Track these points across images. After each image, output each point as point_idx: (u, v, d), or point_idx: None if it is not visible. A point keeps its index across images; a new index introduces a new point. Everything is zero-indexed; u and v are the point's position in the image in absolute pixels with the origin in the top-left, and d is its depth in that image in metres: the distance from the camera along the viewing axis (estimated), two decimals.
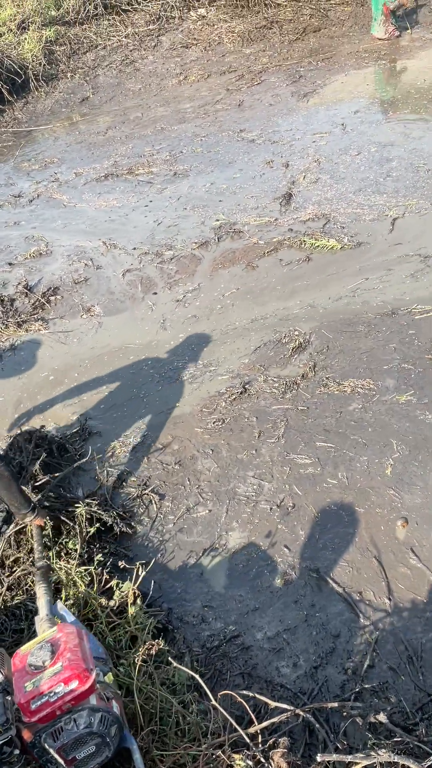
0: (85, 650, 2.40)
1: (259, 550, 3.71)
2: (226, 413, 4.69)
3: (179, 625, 3.35)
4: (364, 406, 4.52)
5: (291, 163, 7.80)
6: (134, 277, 6.40)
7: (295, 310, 5.55)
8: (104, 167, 8.65)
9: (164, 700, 2.56)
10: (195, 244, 6.65)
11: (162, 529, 3.94)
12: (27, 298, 6.30)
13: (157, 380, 5.11)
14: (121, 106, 10.79)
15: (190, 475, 4.28)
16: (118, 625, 3.05)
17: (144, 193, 7.83)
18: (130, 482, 4.29)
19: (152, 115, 10.18)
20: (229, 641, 3.23)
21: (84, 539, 3.57)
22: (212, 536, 3.85)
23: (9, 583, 3.39)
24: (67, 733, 2.29)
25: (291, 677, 3.02)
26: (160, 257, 6.58)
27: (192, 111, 10.02)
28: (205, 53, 12.08)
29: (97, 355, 5.47)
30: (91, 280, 6.46)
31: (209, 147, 8.67)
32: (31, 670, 2.35)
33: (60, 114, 10.90)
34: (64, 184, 8.41)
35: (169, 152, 8.74)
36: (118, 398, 5.00)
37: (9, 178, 8.88)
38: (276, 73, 10.80)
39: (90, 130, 10.05)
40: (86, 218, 7.53)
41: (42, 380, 5.31)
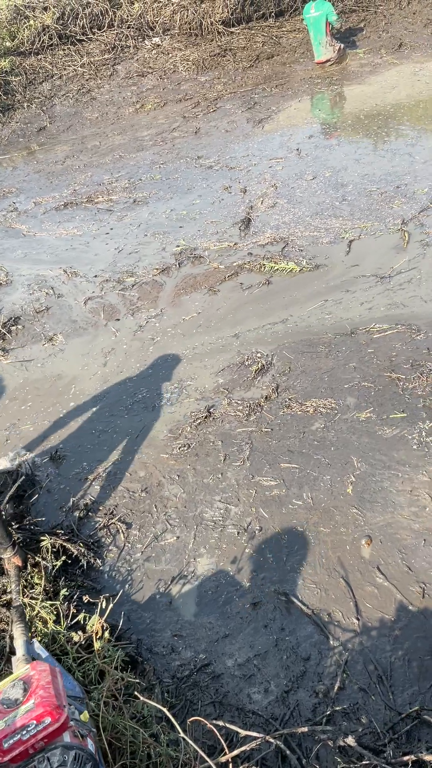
0: (57, 687, 2.37)
1: (228, 576, 3.70)
2: (192, 438, 4.70)
3: (149, 656, 3.32)
4: (326, 425, 4.57)
5: (249, 188, 7.93)
6: (96, 304, 6.41)
7: (257, 332, 5.61)
8: (63, 196, 8.69)
9: (134, 733, 2.53)
10: (156, 270, 6.69)
11: (130, 559, 3.92)
12: None
13: (122, 407, 5.10)
14: (79, 134, 10.87)
15: (157, 502, 4.27)
16: (86, 660, 3.01)
17: (104, 221, 7.87)
18: (97, 511, 4.26)
19: (110, 143, 10.27)
20: (199, 670, 3.21)
21: (50, 573, 3.53)
22: (180, 563, 3.84)
23: None
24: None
25: (262, 703, 3.01)
26: (121, 284, 6.61)
27: (150, 138, 10.14)
28: (161, 81, 12.26)
29: (60, 384, 5.44)
30: (53, 309, 6.45)
31: (168, 174, 8.77)
32: (3, 709, 2.31)
33: (17, 144, 10.93)
34: (23, 214, 8.41)
35: (128, 180, 8.82)
36: (83, 426, 4.98)
37: None
38: (231, 99, 11.00)
39: (48, 159, 10.09)
40: (46, 247, 7.54)
41: (4, 410, 5.26)
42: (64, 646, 3.07)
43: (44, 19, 12.99)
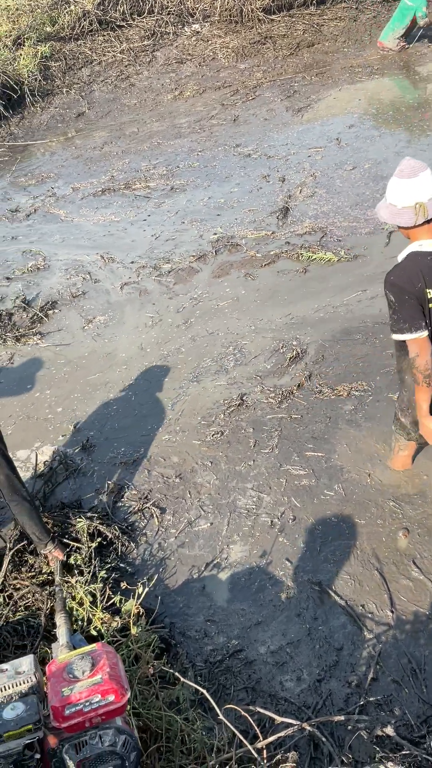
0: (121, 671, 2.40)
1: (261, 564, 3.70)
2: (225, 425, 4.70)
3: (182, 640, 3.34)
4: (355, 407, 4.57)
5: (287, 178, 7.86)
6: (132, 290, 6.43)
7: (293, 320, 5.58)
8: (101, 182, 8.71)
9: (170, 720, 2.54)
10: (193, 257, 6.68)
11: (163, 544, 3.94)
12: (25, 312, 6.32)
13: (156, 392, 5.12)
14: (117, 121, 10.87)
15: (191, 488, 4.28)
16: (121, 644, 3.04)
17: (142, 207, 7.88)
18: (130, 496, 4.28)
19: (148, 130, 10.26)
20: (232, 656, 3.22)
21: (87, 555, 3.56)
22: (214, 550, 3.85)
23: (12, 601, 3.38)
24: (91, 748, 2.27)
25: (295, 691, 3.02)
26: (158, 270, 6.62)
27: (188, 126, 10.10)
28: (200, 68, 12.19)
29: (96, 368, 5.48)
30: (90, 294, 6.48)
31: (206, 162, 8.74)
32: (69, 678, 2.34)
33: (56, 129, 10.97)
34: (61, 199, 8.46)
35: (165, 167, 8.80)
36: (117, 411, 5.01)
37: (6, 193, 8.92)
38: (270, 88, 10.90)
39: (86, 145, 10.11)
40: (84, 232, 7.57)
41: (40, 394, 5.31)
42: (100, 628, 3.10)
43: (85, 4, 12.99)
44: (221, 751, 2.50)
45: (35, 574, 3.54)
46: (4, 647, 3.16)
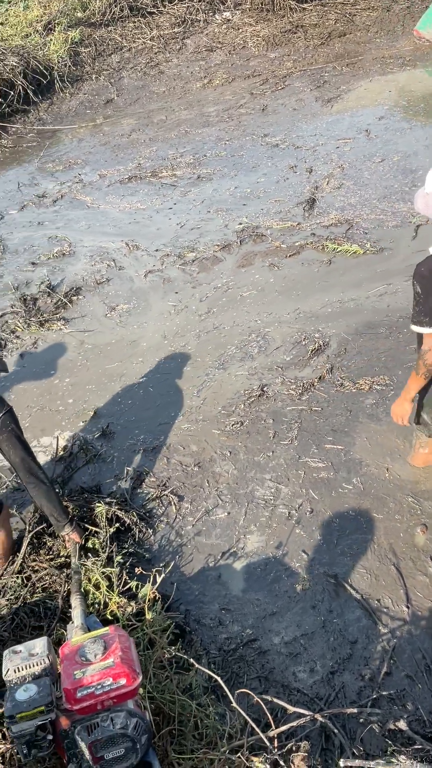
0: (134, 654, 2.42)
1: (277, 555, 3.71)
2: (245, 415, 4.70)
3: (196, 627, 3.36)
4: (377, 401, 4.55)
5: (315, 169, 7.81)
6: (156, 278, 6.44)
7: (316, 312, 5.56)
8: (128, 169, 8.71)
9: (183, 704, 2.57)
10: (217, 246, 6.67)
11: (181, 531, 3.96)
12: (49, 297, 6.35)
13: (177, 381, 5.13)
14: (146, 108, 10.85)
15: (209, 477, 4.30)
16: (136, 628, 3.06)
17: (168, 195, 7.87)
18: (149, 483, 4.31)
19: (176, 118, 10.22)
20: (246, 645, 3.23)
21: (105, 540, 3.59)
22: (230, 539, 3.86)
23: (30, 583, 3.42)
24: (102, 730, 2.30)
25: (307, 682, 3.02)
26: (182, 259, 6.61)
27: (216, 115, 10.06)
28: (230, 57, 12.12)
29: (118, 356, 5.50)
30: (114, 281, 6.50)
31: (233, 151, 8.70)
32: (81, 660, 2.37)
33: (84, 115, 10.98)
34: (88, 186, 8.47)
35: (193, 155, 8.78)
36: (138, 399, 5.03)
37: (33, 178, 8.96)
38: (300, 77, 10.81)
39: (114, 132, 10.11)
40: (110, 219, 7.58)
41: (63, 380, 5.34)
42: (115, 612, 3.13)
43: None
44: (233, 738, 2.51)
45: (53, 557, 3.58)
46: (21, 628, 3.20)
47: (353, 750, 2.50)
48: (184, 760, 2.42)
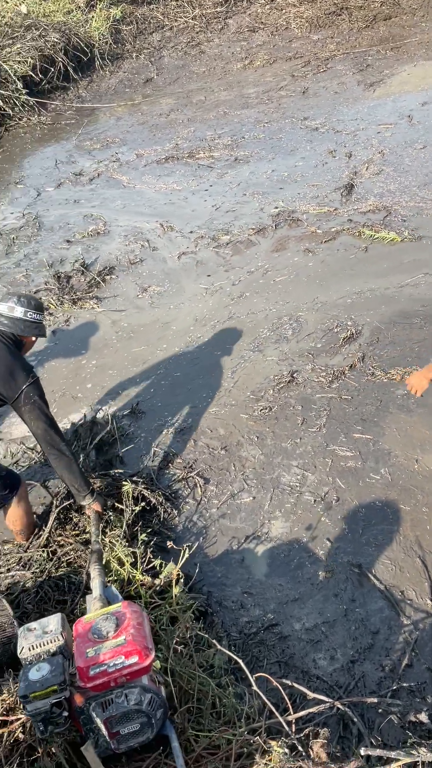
0: (146, 630, 2.43)
1: (302, 541, 3.70)
2: (273, 401, 4.68)
3: (218, 609, 3.37)
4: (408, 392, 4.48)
5: (354, 154, 7.69)
6: (190, 260, 6.41)
7: (350, 299, 5.50)
8: (165, 149, 8.67)
9: (203, 682, 2.58)
10: (252, 230, 6.62)
11: (205, 513, 3.96)
12: (83, 276, 6.37)
13: (207, 363, 5.12)
14: (185, 88, 10.77)
15: (236, 461, 4.29)
16: (158, 606, 3.08)
17: (204, 177, 7.83)
18: (175, 464, 4.31)
19: (215, 98, 10.14)
20: (267, 629, 3.23)
21: (129, 518, 3.61)
22: (255, 524, 3.85)
23: (55, 557, 3.46)
24: (117, 706, 2.32)
25: (327, 669, 3.02)
26: (216, 241, 6.58)
27: (256, 96, 9.95)
28: (272, 38, 11.97)
29: (149, 335, 5.50)
30: (147, 262, 6.50)
31: (272, 133, 8.61)
32: (93, 638, 2.39)
33: (123, 94, 10.95)
34: (124, 165, 8.46)
35: (230, 137, 8.70)
36: (168, 379, 5.03)
37: (71, 156, 8.97)
38: (343, 61, 10.64)
39: (153, 111, 10.07)
40: (145, 200, 7.57)
41: (93, 358, 5.37)
42: (138, 589, 3.15)
43: None
44: (250, 719, 2.52)
45: (79, 533, 3.61)
46: (46, 601, 3.24)
47: (371, 739, 2.49)
48: (201, 737, 2.44)
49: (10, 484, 3.48)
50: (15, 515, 3.56)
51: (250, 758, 2.30)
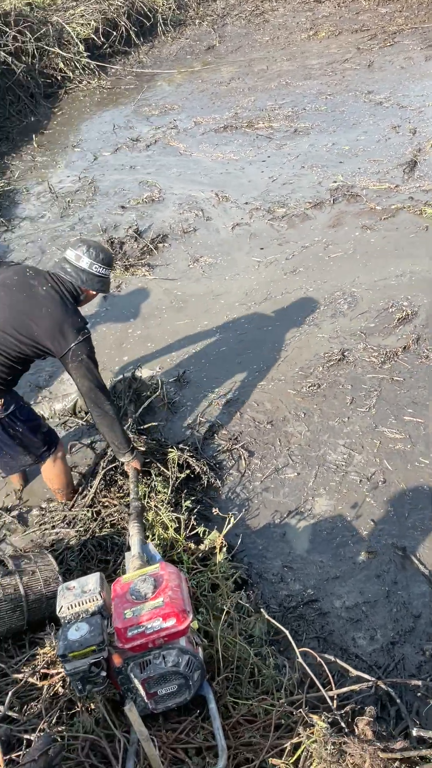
0: (184, 592, 2.43)
1: (345, 520, 3.65)
2: (322, 378, 4.61)
3: (258, 580, 3.36)
4: None
5: (419, 130, 7.47)
6: (243, 231, 6.33)
7: (407, 279, 5.36)
8: (224, 118, 8.54)
9: (242, 649, 2.57)
10: (309, 203, 6.50)
11: (249, 486, 3.94)
12: (136, 242, 6.34)
13: (256, 337, 5.06)
14: (247, 57, 10.58)
15: (281, 436, 4.25)
16: (199, 572, 3.08)
17: (262, 147, 7.69)
18: (221, 435, 4.29)
19: (277, 68, 9.94)
20: (306, 604, 3.21)
21: (174, 484, 3.61)
22: (298, 499, 3.82)
23: (99, 518, 3.49)
24: (154, 667, 2.33)
25: (367, 649, 2.99)
26: (271, 214, 6.48)
27: (319, 68, 9.72)
28: (338, 9, 11.66)
29: (199, 306, 5.46)
30: (200, 231, 6.43)
31: (334, 106, 8.41)
32: (132, 599, 2.40)
33: (184, 61, 10.80)
34: (182, 132, 8.37)
35: (291, 108, 8.53)
36: (216, 351, 5.00)
37: (129, 121, 8.91)
38: (411, 35, 10.31)
39: (213, 79, 9.91)
40: (201, 168, 7.48)
41: (144, 325, 5.36)
42: (181, 554, 3.15)
43: None
44: (288, 691, 2.51)
45: (123, 495, 3.62)
46: (89, 559, 3.27)
47: (413, 721, 2.46)
48: (238, 704, 2.44)
49: (49, 441, 3.48)
50: (51, 474, 3.59)
51: (287, 730, 2.29)
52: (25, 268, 3.27)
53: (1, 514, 3.73)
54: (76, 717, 2.33)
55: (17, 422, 3.28)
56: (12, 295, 3.11)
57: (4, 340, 3.08)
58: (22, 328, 3.08)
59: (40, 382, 4.83)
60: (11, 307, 3.08)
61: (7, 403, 3.22)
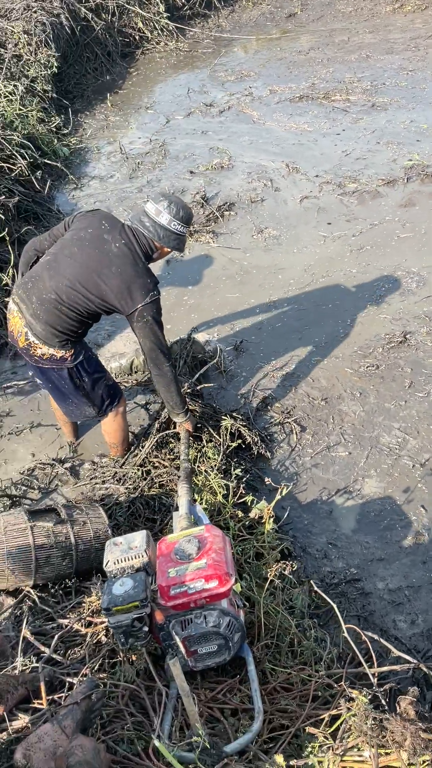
0: (227, 555, 2.45)
1: (394, 504, 3.61)
2: (381, 359, 4.54)
3: (301, 554, 3.36)
4: None
5: None
6: (311, 204, 6.23)
7: None
8: (300, 88, 8.38)
9: (284, 619, 2.59)
10: (381, 180, 6.35)
11: (298, 460, 3.93)
12: (202, 209, 6.31)
13: (316, 313, 5.01)
14: (328, 27, 10.32)
15: (335, 414, 4.21)
16: (245, 539, 3.10)
17: (337, 120, 7.53)
18: (274, 408, 4.28)
19: (359, 40, 9.67)
20: (348, 582, 3.21)
21: (224, 452, 3.62)
22: (348, 479, 3.79)
23: (149, 477, 3.53)
24: (195, 627, 2.37)
25: (407, 633, 2.97)
26: (342, 188, 6.35)
27: (402, 42, 9.42)
28: None
29: (260, 278, 5.42)
30: (268, 202, 6.36)
31: (415, 82, 8.15)
32: (176, 559, 2.44)
33: (264, 27, 10.60)
34: (256, 100, 8.24)
35: (370, 82, 8.31)
36: (275, 324, 4.96)
37: (204, 86, 8.81)
38: None
39: (292, 47, 9.71)
40: (273, 138, 7.37)
41: (204, 292, 5.35)
42: (227, 520, 3.17)
43: None
44: (326, 664, 2.51)
45: (174, 458, 3.65)
46: (136, 516, 3.32)
47: None
48: (276, 671, 2.46)
49: (112, 395, 3.52)
50: (111, 427, 3.63)
51: (324, 702, 2.30)
52: (102, 219, 3.25)
53: (55, 464, 3.81)
54: (118, 666, 2.39)
55: (84, 373, 3.32)
56: (84, 250, 3.12)
57: (75, 296, 3.11)
58: (91, 286, 3.10)
59: (99, 340, 4.88)
60: (82, 264, 3.10)
61: (77, 353, 3.26)
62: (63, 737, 1.85)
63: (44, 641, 2.53)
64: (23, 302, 3.18)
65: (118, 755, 2.02)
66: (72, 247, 3.16)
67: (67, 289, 3.10)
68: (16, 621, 2.65)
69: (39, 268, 3.21)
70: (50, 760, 1.79)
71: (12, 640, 2.53)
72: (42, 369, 3.30)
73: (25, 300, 3.17)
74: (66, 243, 3.21)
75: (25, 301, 3.17)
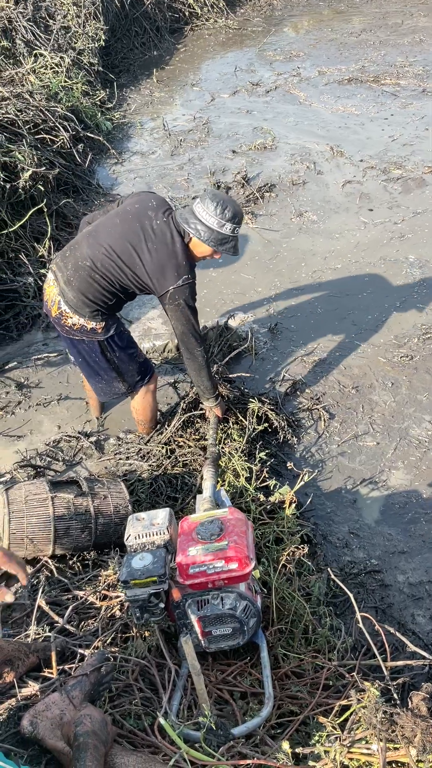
0: (249, 539, 2.43)
1: (420, 497, 3.55)
2: (416, 350, 4.45)
3: (322, 542, 3.33)
4: None
5: None
6: (354, 190, 6.11)
7: None
8: (350, 70, 8.21)
9: (299, 605, 2.56)
10: (428, 168, 6.19)
11: (325, 448, 3.88)
12: (243, 189, 6.23)
13: (353, 298, 4.92)
14: (382, 9, 10.07)
15: (365, 403, 4.15)
16: (266, 523, 3.07)
17: (386, 104, 7.36)
18: (304, 393, 4.23)
19: (413, 24, 9.42)
20: (368, 573, 3.16)
21: (250, 435, 3.59)
22: (374, 469, 3.73)
23: (173, 456, 3.51)
24: (212, 608, 2.36)
25: (425, 628, 2.92)
26: (386, 174, 6.22)
27: None
28: None
29: (298, 262, 5.34)
30: (309, 185, 6.26)
31: None
32: (197, 538, 2.43)
33: (316, 7, 10.39)
34: (304, 81, 8.10)
35: (422, 67, 8.09)
36: (310, 309, 4.89)
37: (251, 64, 8.68)
38: None
39: (343, 29, 9.51)
40: (319, 120, 7.24)
41: (240, 274, 5.29)
42: (249, 503, 3.14)
43: None
44: (340, 654, 2.48)
45: (200, 438, 3.63)
46: (158, 494, 3.31)
47: None
48: (288, 657, 2.43)
49: (143, 371, 3.50)
50: (140, 404, 3.62)
51: (335, 691, 2.27)
52: (151, 198, 3.22)
53: (80, 437, 3.82)
54: (130, 641, 2.39)
55: (115, 347, 3.31)
56: (126, 223, 3.11)
57: (109, 264, 3.09)
58: (126, 257, 3.08)
59: (131, 317, 4.87)
60: (121, 234, 3.09)
61: (108, 326, 3.24)
62: (70, 707, 1.86)
63: (58, 611, 2.54)
64: (59, 270, 3.19)
65: (125, 729, 2.02)
66: (115, 218, 3.16)
67: (102, 256, 3.09)
68: (32, 589, 2.66)
69: (80, 237, 3.23)
70: (56, 728, 1.79)
71: (27, 608, 2.55)
72: (73, 341, 3.29)
73: (61, 267, 3.18)
74: (111, 215, 3.21)
75: (61, 268, 3.18)
